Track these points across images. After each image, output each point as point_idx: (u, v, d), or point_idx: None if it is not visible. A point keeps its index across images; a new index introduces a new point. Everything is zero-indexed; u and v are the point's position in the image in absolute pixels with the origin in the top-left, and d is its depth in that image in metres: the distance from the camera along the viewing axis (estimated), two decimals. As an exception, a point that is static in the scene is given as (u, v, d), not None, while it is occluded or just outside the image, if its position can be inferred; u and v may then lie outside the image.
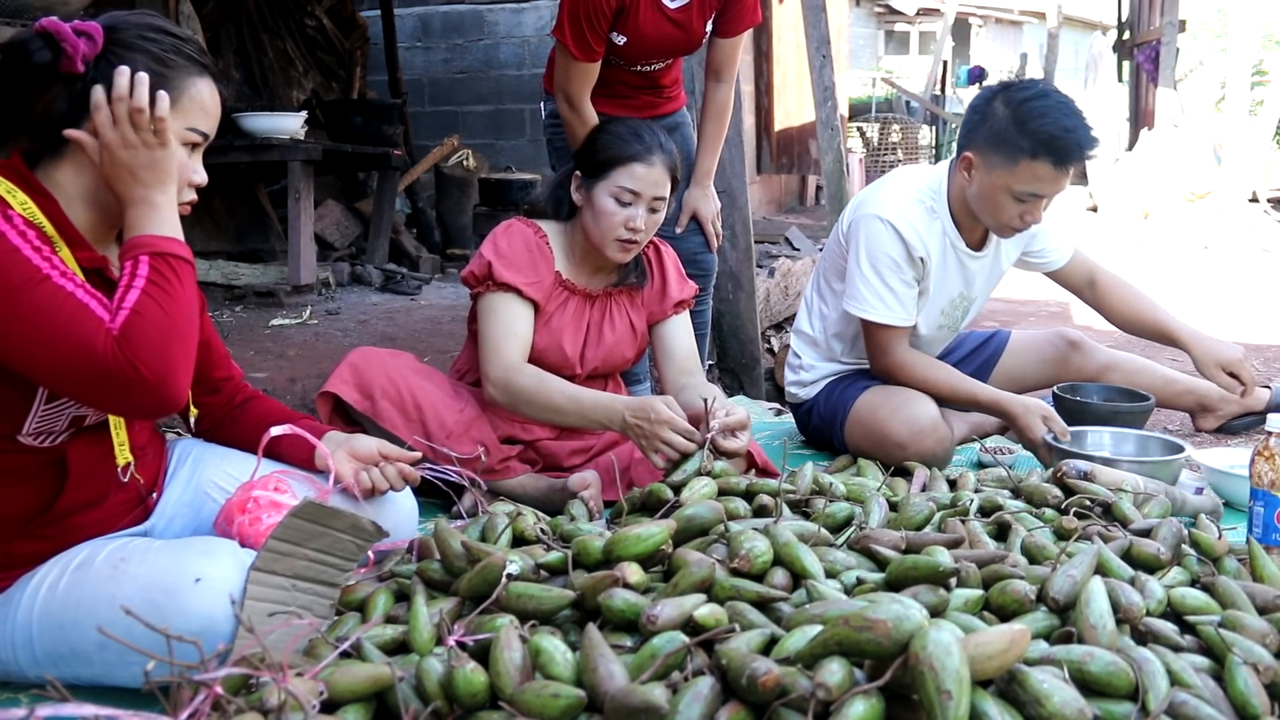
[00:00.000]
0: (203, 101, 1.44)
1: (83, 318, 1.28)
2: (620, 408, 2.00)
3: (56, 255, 1.32)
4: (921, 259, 2.47)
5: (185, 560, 1.34)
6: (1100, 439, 2.47)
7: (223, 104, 1.49)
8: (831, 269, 2.66)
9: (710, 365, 3.59)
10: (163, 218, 1.38)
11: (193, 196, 1.47)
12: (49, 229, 1.36)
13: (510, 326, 2.14)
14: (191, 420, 1.71)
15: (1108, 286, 2.74)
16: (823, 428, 2.65)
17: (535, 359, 2.19)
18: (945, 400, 2.53)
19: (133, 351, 1.28)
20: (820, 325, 2.70)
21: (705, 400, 1.98)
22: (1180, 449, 2.31)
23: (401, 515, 1.79)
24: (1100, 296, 2.75)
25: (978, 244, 2.57)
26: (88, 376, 1.28)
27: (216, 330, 1.78)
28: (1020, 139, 2.27)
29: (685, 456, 1.91)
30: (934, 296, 2.57)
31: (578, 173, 2.23)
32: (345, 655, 1.31)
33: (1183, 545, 1.71)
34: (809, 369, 2.71)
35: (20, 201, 1.34)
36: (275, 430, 1.67)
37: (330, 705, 1.21)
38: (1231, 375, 2.56)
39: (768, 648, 1.25)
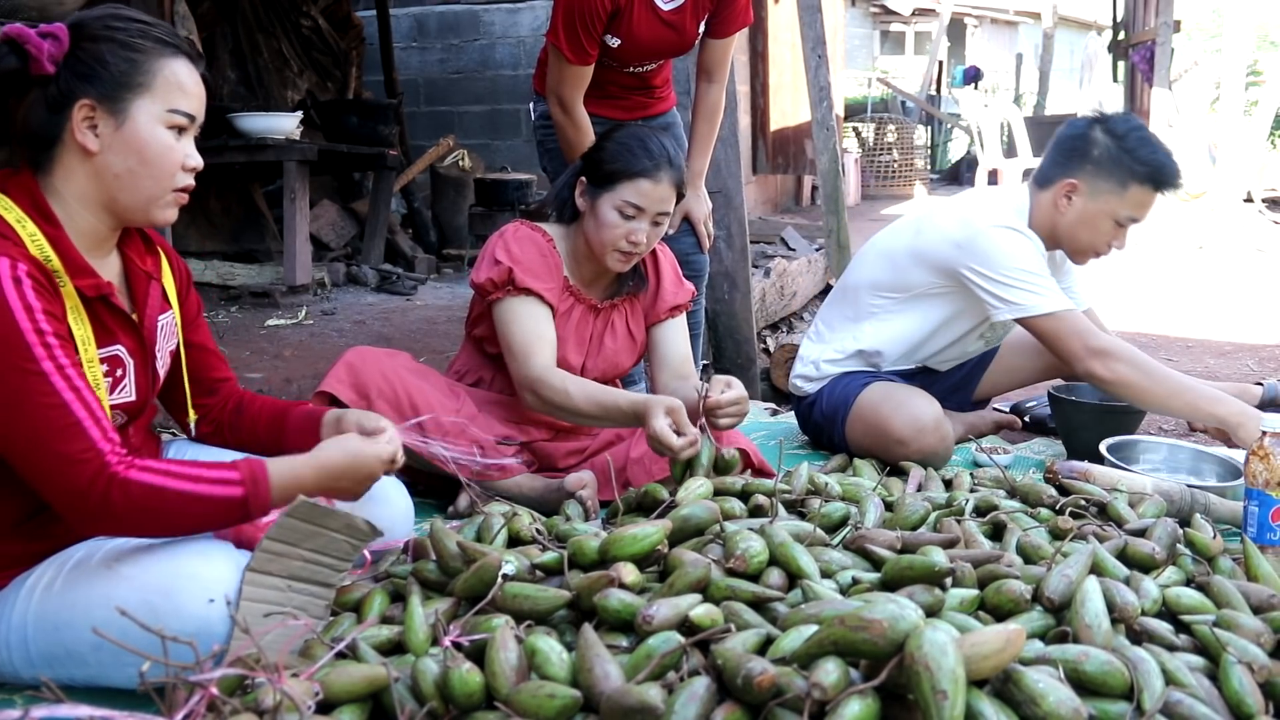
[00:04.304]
0: (179, 81, 1.41)
1: (72, 437, 1.28)
2: (642, 409, 1.99)
3: (60, 343, 1.30)
4: None
5: (181, 561, 1.34)
6: (1153, 452, 2.42)
7: (206, 88, 1.46)
8: (886, 281, 2.60)
9: (706, 365, 3.59)
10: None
11: (188, 181, 1.44)
12: (55, 262, 1.34)
13: (537, 330, 2.14)
14: (191, 425, 1.70)
15: None
16: (824, 424, 2.64)
17: None
18: (1174, 408, 2.36)
19: (125, 508, 1.30)
20: (869, 336, 2.63)
21: (699, 390, 2.00)
22: (1236, 469, 2.22)
23: (397, 515, 1.78)
24: None
25: None
26: (62, 496, 1.30)
27: (211, 332, 1.77)
28: (1134, 165, 2.40)
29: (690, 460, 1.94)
30: None
31: (583, 178, 2.22)
32: (341, 656, 1.31)
33: (1178, 545, 1.72)
34: (826, 363, 2.68)
35: (30, 234, 1.33)
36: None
37: (326, 706, 1.22)
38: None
39: (763, 648, 1.25)
